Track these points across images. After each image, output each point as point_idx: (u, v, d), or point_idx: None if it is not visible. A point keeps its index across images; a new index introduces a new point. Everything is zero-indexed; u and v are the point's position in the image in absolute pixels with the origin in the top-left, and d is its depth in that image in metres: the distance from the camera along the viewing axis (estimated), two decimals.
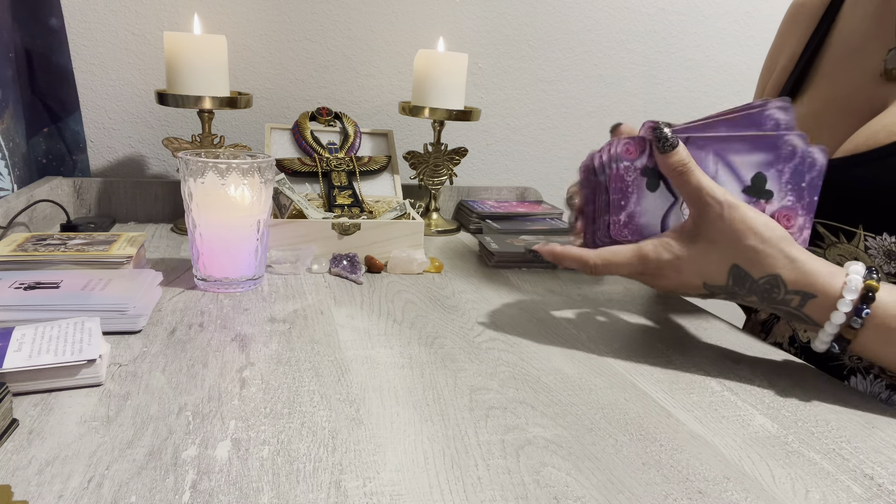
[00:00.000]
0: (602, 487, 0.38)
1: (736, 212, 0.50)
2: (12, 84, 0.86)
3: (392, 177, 0.97)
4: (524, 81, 1.21)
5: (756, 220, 0.50)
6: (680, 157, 0.52)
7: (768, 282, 0.50)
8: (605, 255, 0.54)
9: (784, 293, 0.50)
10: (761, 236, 0.50)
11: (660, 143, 0.52)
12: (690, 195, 0.52)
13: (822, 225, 0.62)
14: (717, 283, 0.52)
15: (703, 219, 0.51)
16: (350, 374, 0.50)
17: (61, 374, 0.44)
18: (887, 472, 0.42)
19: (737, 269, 0.51)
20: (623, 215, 0.55)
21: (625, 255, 0.54)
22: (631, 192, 0.54)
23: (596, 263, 0.54)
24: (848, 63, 0.66)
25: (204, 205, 0.64)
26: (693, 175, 0.51)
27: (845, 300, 0.48)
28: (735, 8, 1.26)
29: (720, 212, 0.50)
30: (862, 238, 0.59)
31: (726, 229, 0.50)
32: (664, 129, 0.52)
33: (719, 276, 0.52)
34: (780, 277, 0.50)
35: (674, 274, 0.53)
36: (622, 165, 0.54)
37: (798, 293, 0.50)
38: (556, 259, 0.57)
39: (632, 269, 0.54)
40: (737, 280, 0.51)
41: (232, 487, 0.36)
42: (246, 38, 1.06)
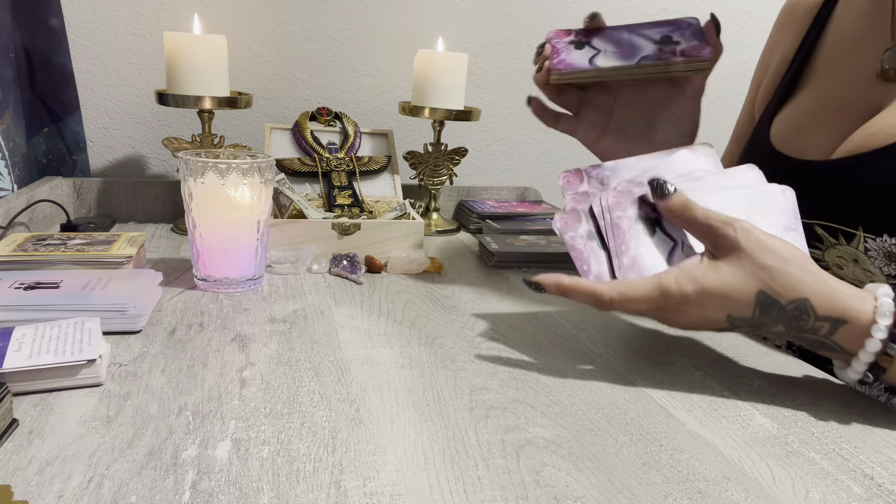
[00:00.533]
0: (602, 487, 0.38)
1: (749, 233, 0.48)
2: (12, 84, 0.86)
3: (392, 177, 0.97)
4: (524, 81, 1.21)
5: (772, 241, 0.48)
6: (680, 198, 0.51)
7: (797, 307, 0.47)
8: (622, 289, 0.50)
9: (813, 320, 0.47)
10: (780, 256, 0.48)
11: (658, 192, 0.52)
12: (701, 228, 0.50)
13: (821, 226, 0.62)
14: (743, 315, 0.49)
15: (720, 246, 0.49)
16: (350, 374, 0.50)
17: (61, 374, 0.44)
18: (887, 472, 0.42)
19: (763, 295, 0.48)
20: (626, 259, 0.53)
21: (644, 289, 0.50)
22: (630, 238, 0.54)
23: (612, 298, 0.50)
24: (843, 63, 0.66)
25: (204, 205, 0.64)
26: (697, 209, 0.50)
27: (879, 326, 0.45)
28: (735, 8, 1.26)
29: (734, 233, 0.48)
30: (862, 240, 0.59)
31: (744, 250, 0.48)
32: (659, 180, 0.52)
33: (745, 307, 0.48)
34: (810, 303, 0.47)
35: (696, 309, 0.49)
36: (615, 215, 0.54)
37: (828, 319, 0.47)
38: (564, 293, 0.52)
39: (651, 305, 0.50)
40: (764, 309, 0.48)
41: (232, 487, 0.36)
42: (246, 38, 1.06)
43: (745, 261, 0.48)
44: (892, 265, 0.57)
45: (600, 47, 0.63)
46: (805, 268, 0.48)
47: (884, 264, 0.58)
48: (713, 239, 0.50)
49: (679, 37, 0.63)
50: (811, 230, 0.63)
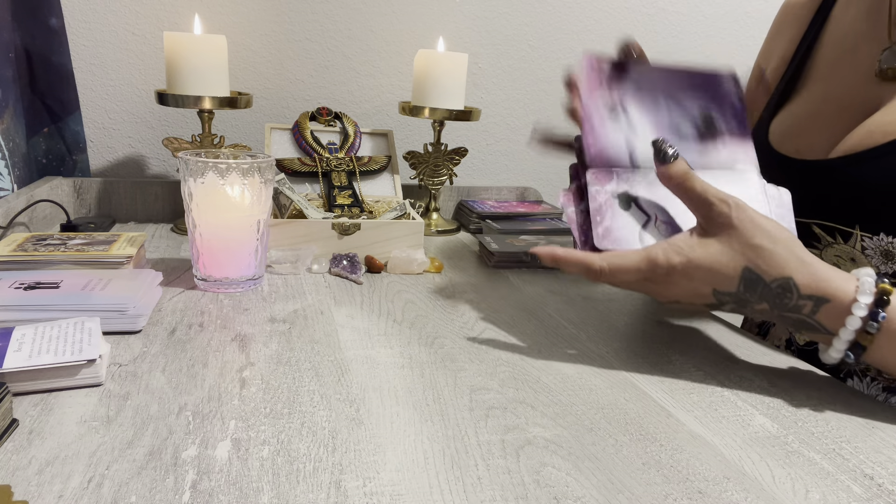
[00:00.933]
0: (602, 487, 0.38)
1: (743, 212, 0.49)
2: (12, 84, 0.86)
3: (392, 177, 0.97)
4: (524, 81, 1.21)
5: (764, 221, 0.49)
6: (682, 165, 0.51)
7: (780, 285, 0.48)
8: (612, 260, 0.52)
9: (797, 298, 0.48)
10: (771, 236, 0.49)
11: (661, 155, 0.52)
12: (696, 200, 0.51)
13: (818, 225, 0.62)
14: (728, 290, 0.50)
15: (712, 221, 0.50)
16: (350, 374, 0.50)
17: (61, 374, 0.44)
18: (887, 472, 0.42)
19: (748, 271, 0.49)
20: (601, 228, 0.55)
21: (633, 260, 0.51)
22: (605, 211, 0.55)
23: (602, 267, 0.52)
24: (841, 63, 0.66)
25: (204, 205, 0.64)
26: (696, 181, 0.51)
27: (860, 304, 0.46)
28: (735, 8, 1.26)
29: (728, 210, 0.49)
30: (859, 238, 0.59)
31: (735, 227, 0.49)
32: (663, 143, 0.52)
33: (730, 282, 0.50)
34: (793, 280, 0.48)
35: (683, 280, 0.51)
36: (593, 189, 0.56)
37: (811, 298, 0.48)
38: (558, 263, 0.54)
39: (640, 275, 0.52)
40: (748, 285, 0.49)
41: (232, 487, 0.36)
42: (246, 38, 1.06)
43: (735, 238, 0.49)
44: (889, 263, 0.57)
45: (637, 122, 0.58)
46: (791, 249, 0.49)
47: (881, 263, 0.58)
48: (707, 213, 0.50)
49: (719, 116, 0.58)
50: (808, 229, 0.63)
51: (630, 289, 0.55)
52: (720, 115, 0.58)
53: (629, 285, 0.54)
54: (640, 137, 0.58)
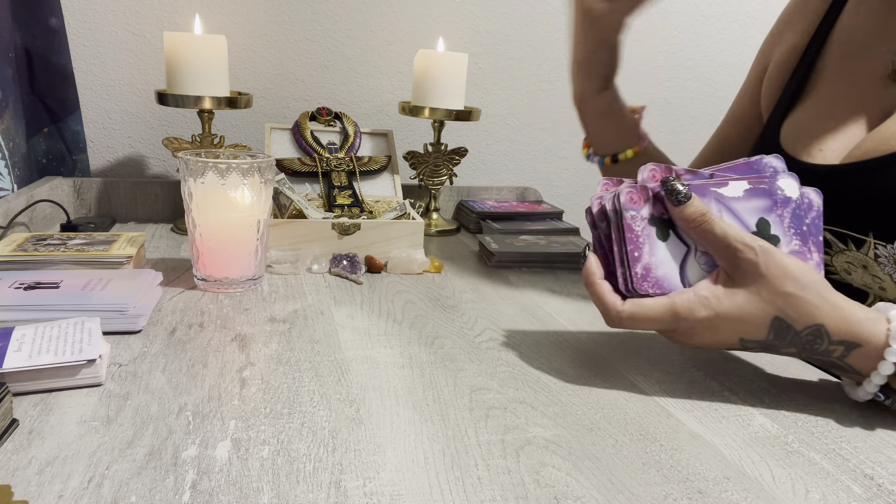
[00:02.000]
0: (602, 487, 0.38)
1: (771, 257, 0.47)
2: (12, 84, 0.86)
3: (392, 177, 0.97)
4: (524, 81, 1.21)
5: (793, 265, 0.47)
6: (696, 208, 0.48)
7: (811, 333, 0.47)
8: (633, 309, 0.49)
9: (827, 344, 0.47)
10: (800, 282, 0.46)
11: (673, 197, 0.49)
12: (717, 245, 0.48)
13: (830, 232, 0.60)
14: (756, 339, 0.48)
15: (738, 268, 0.47)
16: (350, 374, 0.50)
17: (61, 374, 0.44)
18: (887, 472, 0.42)
19: (778, 321, 0.47)
20: (639, 268, 0.50)
21: (655, 312, 0.49)
22: (642, 244, 0.50)
23: (621, 317, 0.49)
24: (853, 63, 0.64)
25: (204, 205, 0.64)
26: (715, 224, 0.48)
27: (893, 349, 0.45)
28: (735, 8, 1.26)
29: (755, 258, 0.47)
30: (872, 246, 0.57)
31: (763, 276, 0.47)
32: (674, 183, 0.49)
33: (759, 332, 0.48)
34: (824, 328, 0.46)
35: (708, 333, 0.49)
36: (628, 215, 0.50)
37: (842, 343, 0.47)
38: (588, 286, 0.52)
39: (662, 326, 0.50)
40: (778, 333, 0.47)
41: (232, 487, 0.36)
42: (246, 38, 1.06)
43: (763, 288, 0.47)
44: None
45: (689, 242, 0.51)
46: (822, 294, 0.47)
47: (893, 271, 0.56)
48: (731, 260, 0.48)
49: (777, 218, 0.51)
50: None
51: None
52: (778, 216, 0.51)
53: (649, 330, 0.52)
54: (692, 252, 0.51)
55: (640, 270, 0.50)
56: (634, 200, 0.50)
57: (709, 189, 0.51)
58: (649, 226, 0.51)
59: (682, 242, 0.51)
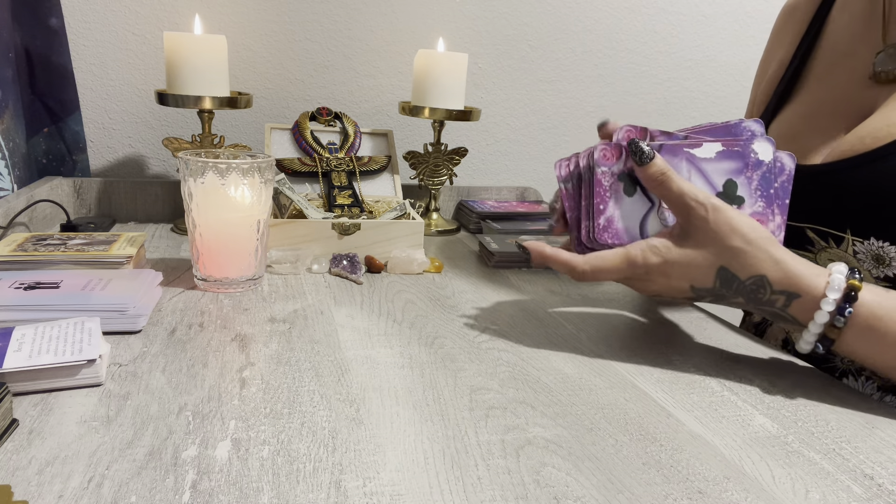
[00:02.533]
0: (602, 487, 0.38)
1: (720, 214, 0.51)
2: (12, 84, 0.86)
3: (392, 177, 0.97)
4: (524, 81, 1.21)
5: (740, 222, 0.51)
6: (658, 167, 0.53)
7: (754, 282, 0.51)
8: (593, 262, 0.54)
9: (769, 293, 0.51)
10: (746, 237, 0.50)
11: (637, 157, 0.53)
12: (674, 202, 0.52)
13: (812, 230, 0.62)
14: (704, 286, 0.53)
15: (690, 223, 0.52)
16: (350, 374, 0.50)
17: (61, 374, 0.44)
18: (887, 472, 0.42)
19: (724, 270, 0.51)
20: (602, 219, 0.55)
21: (613, 261, 0.54)
22: (608, 197, 0.55)
23: (584, 269, 0.54)
24: (837, 66, 0.66)
25: (204, 205, 0.64)
26: (674, 182, 0.52)
27: (828, 299, 0.49)
28: (735, 8, 1.26)
29: (705, 214, 0.51)
30: (850, 243, 0.59)
31: (712, 231, 0.51)
32: (639, 143, 0.53)
33: (706, 279, 0.52)
34: (766, 278, 0.50)
35: (661, 278, 0.53)
36: (599, 171, 0.55)
37: (783, 293, 0.50)
38: (544, 260, 0.56)
39: (620, 275, 0.54)
40: (724, 282, 0.52)
41: (232, 487, 0.36)
42: (246, 38, 1.06)
43: (711, 242, 0.51)
44: (881, 267, 0.57)
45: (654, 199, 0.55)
46: (766, 248, 0.50)
47: (872, 266, 0.58)
48: (685, 214, 0.52)
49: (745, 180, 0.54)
50: (803, 234, 0.63)
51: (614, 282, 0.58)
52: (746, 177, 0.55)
53: (611, 280, 0.56)
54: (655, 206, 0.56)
55: (602, 221, 0.55)
56: (607, 157, 0.55)
57: (681, 149, 0.55)
58: (618, 181, 0.55)
59: (647, 199, 0.55)
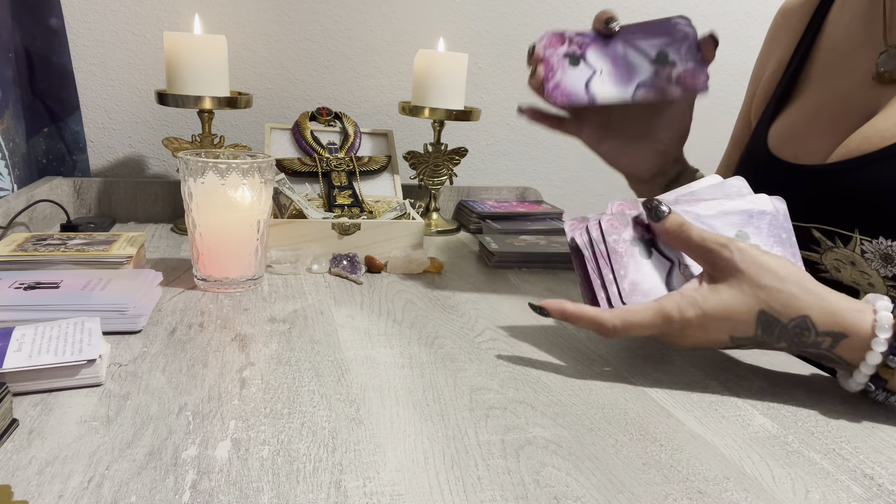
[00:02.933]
0: (602, 487, 0.38)
1: (746, 253, 0.49)
2: (12, 84, 0.86)
3: (392, 177, 0.97)
4: (524, 81, 1.21)
5: (768, 259, 0.49)
6: (676, 219, 0.52)
7: (797, 325, 0.48)
8: (625, 316, 0.51)
9: (814, 336, 0.48)
10: (777, 274, 0.48)
11: (653, 214, 0.52)
12: (696, 250, 0.51)
13: (818, 230, 0.62)
14: (745, 335, 0.50)
15: (717, 267, 0.50)
16: (350, 374, 0.50)
17: (61, 374, 0.44)
18: (887, 472, 0.42)
19: (764, 315, 0.48)
20: (626, 283, 0.53)
21: (646, 316, 0.50)
22: (627, 262, 0.54)
23: (615, 325, 0.51)
24: (838, 67, 0.66)
25: (204, 205, 0.64)
26: (693, 231, 0.51)
27: (879, 339, 0.46)
28: (735, 8, 1.26)
29: (730, 256, 0.49)
30: (858, 242, 0.59)
31: (740, 271, 0.48)
32: (654, 202, 0.52)
33: (747, 328, 0.49)
34: (810, 319, 0.47)
35: (699, 333, 0.50)
36: (611, 239, 0.54)
37: (829, 334, 0.47)
38: (568, 319, 0.53)
39: (654, 331, 0.51)
40: (765, 328, 0.49)
41: (232, 487, 0.36)
42: (246, 38, 1.06)
43: (744, 282, 0.48)
44: (889, 267, 0.57)
45: (596, 65, 0.62)
46: (803, 285, 0.48)
47: (880, 266, 0.58)
48: (710, 261, 0.50)
49: (675, 55, 0.61)
50: (808, 234, 0.63)
51: None
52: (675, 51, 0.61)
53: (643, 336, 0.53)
54: (597, 74, 0.62)
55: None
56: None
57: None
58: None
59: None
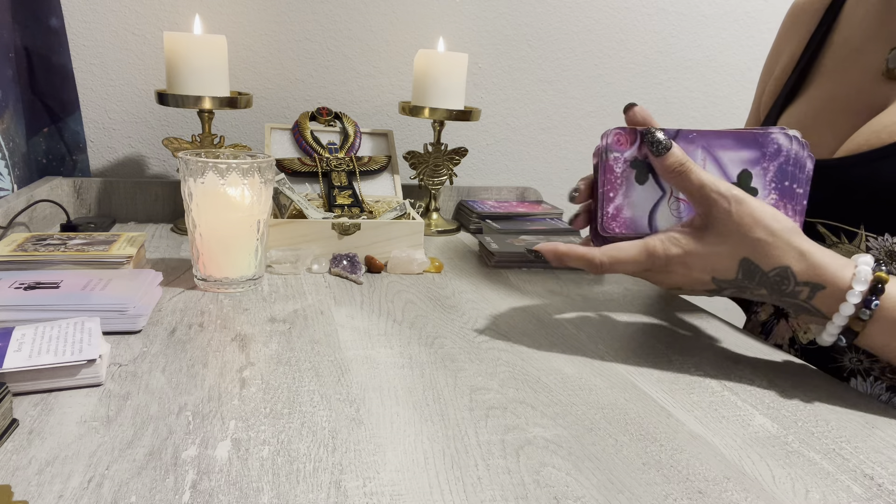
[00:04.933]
0: (602, 487, 0.38)
1: (743, 206, 0.50)
2: (12, 84, 0.86)
3: (392, 177, 0.97)
4: (524, 81, 1.21)
5: (764, 213, 0.50)
6: (676, 157, 0.52)
7: (778, 274, 0.50)
8: (611, 253, 0.53)
9: (794, 285, 0.50)
10: (769, 228, 0.49)
11: (654, 147, 0.52)
12: (694, 193, 0.51)
13: (823, 225, 0.62)
14: (727, 278, 0.51)
15: (711, 215, 0.51)
16: (350, 374, 0.50)
17: (61, 374, 0.44)
18: (887, 472, 0.42)
19: (747, 262, 0.50)
20: (611, 208, 0.53)
21: (631, 252, 0.52)
22: (619, 185, 0.53)
23: (602, 261, 0.53)
24: (849, 62, 0.66)
25: (204, 205, 0.64)
26: (693, 173, 0.51)
27: (854, 291, 0.48)
28: (735, 8, 1.26)
29: (728, 207, 0.50)
30: (863, 238, 0.59)
31: (735, 223, 0.50)
32: (655, 133, 0.52)
33: (728, 270, 0.51)
34: (790, 269, 0.49)
35: (682, 269, 0.52)
36: (612, 156, 0.53)
37: (807, 285, 0.49)
38: (560, 258, 0.55)
39: (639, 266, 0.53)
40: (746, 273, 0.50)
41: (232, 487, 0.36)
42: (246, 38, 1.06)
43: (734, 234, 0.50)
44: (894, 263, 0.57)
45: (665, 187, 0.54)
46: (789, 239, 0.50)
47: (886, 262, 0.58)
48: (706, 207, 0.51)
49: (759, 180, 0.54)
50: (813, 229, 0.63)
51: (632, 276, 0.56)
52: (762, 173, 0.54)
53: (630, 274, 0.55)
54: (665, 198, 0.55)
55: (611, 210, 0.54)
56: (620, 142, 0.53)
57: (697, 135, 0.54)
58: (630, 168, 0.54)
59: (658, 187, 0.54)
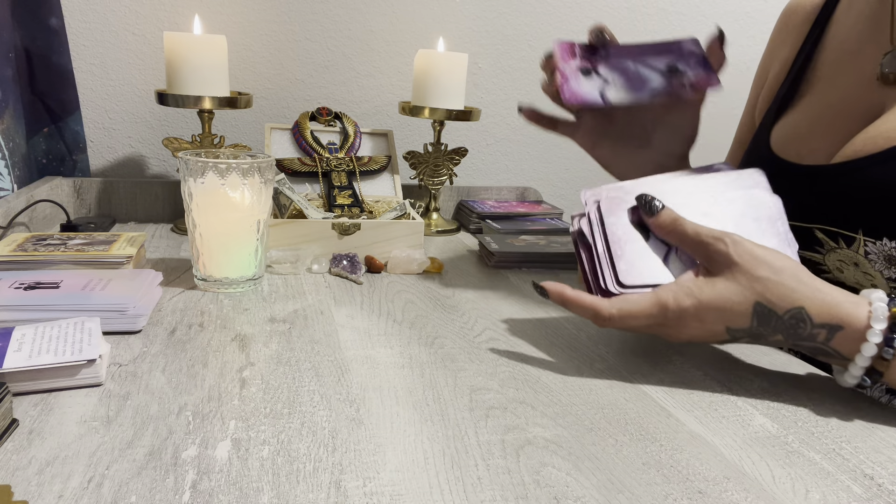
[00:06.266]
0: (602, 487, 0.38)
1: (740, 245, 0.49)
2: (12, 84, 0.86)
3: (392, 177, 0.97)
4: (524, 81, 1.21)
5: (763, 252, 0.49)
6: (669, 214, 0.52)
7: (793, 316, 0.48)
8: (621, 305, 0.51)
9: (810, 328, 0.48)
10: (772, 266, 0.48)
11: (647, 209, 0.53)
12: (692, 243, 0.51)
13: (821, 230, 0.62)
14: (741, 326, 0.50)
15: (712, 260, 0.50)
16: (350, 374, 0.50)
17: (61, 374, 0.44)
18: (887, 472, 0.42)
19: (760, 306, 0.48)
20: (623, 263, 0.53)
21: (643, 305, 0.50)
22: (626, 243, 0.54)
23: (611, 314, 0.51)
24: (843, 67, 0.66)
25: (204, 205, 0.64)
26: (687, 225, 0.51)
27: (875, 330, 0.46)
28: (735, 8, 1.26)
29: (725, 248, 0.49)
30: (862, 243, 0.58)
31: (736, 263, 0.49)
32: (647, 197, 0.53)
33: (743, 319, 0.49)
34: (805, 311, 0.47)
35: (695, 323, 0.50)
36: (610, 221, 0.55)
37: (824, 326, 0.47)
38: (565, 304, 0.53)
39: (650, 320, 0.51)
40: (762, 319, 0.49)
41: (232, 487, 0.36)
42: (246, 38, 1.06)
43: (739, 274, 0.49)
44: (893, 268, 0.57)
45: (608, 77, 0.63)
46: (798, 277, 0.48)
47: (884, 267, 0.57)
48: (705, 254, 0.51)
49: (684, 65, 0.63)
50: (811, 234, 0.63)
51: (640, 332, 0.55)
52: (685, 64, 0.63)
53: (639, 329, 0.53)
54: (610, 84, 0.63)
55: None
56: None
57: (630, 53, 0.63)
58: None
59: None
